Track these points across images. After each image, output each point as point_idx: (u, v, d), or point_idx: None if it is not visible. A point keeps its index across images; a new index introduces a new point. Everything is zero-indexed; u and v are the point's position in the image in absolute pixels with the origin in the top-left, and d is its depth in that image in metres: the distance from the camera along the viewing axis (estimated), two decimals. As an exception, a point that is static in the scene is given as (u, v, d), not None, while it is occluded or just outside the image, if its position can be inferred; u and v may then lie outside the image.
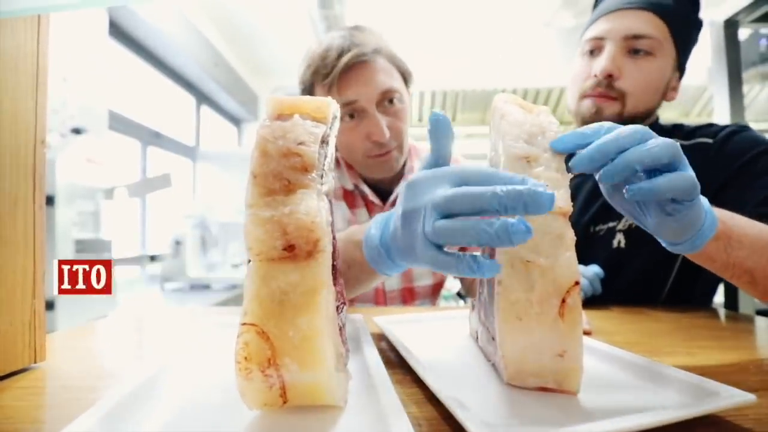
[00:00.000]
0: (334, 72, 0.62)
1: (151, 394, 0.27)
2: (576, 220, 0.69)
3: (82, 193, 1.53)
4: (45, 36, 0.35)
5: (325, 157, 0.33)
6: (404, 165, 0.76)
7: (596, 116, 0.62)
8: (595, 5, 0.66)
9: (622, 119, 0.61)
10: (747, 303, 0.90)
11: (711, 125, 0.64)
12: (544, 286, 0.27)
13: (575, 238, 0.27)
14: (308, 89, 0.71)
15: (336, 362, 0.26)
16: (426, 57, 2.18)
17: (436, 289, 0.84)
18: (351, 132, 0.66)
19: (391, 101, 0.66)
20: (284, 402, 0.25)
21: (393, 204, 0.75)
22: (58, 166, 1.41)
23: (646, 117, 0.63)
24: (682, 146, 0.64)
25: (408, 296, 0.80)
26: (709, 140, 0.61)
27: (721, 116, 0.81)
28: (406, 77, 0.70)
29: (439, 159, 0.31)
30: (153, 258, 2.02)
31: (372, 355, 0.34)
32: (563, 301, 0.26)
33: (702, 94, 2.42)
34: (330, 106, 0.31)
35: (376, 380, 0.29)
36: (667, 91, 0.63)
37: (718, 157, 0.58)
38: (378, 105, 0.65)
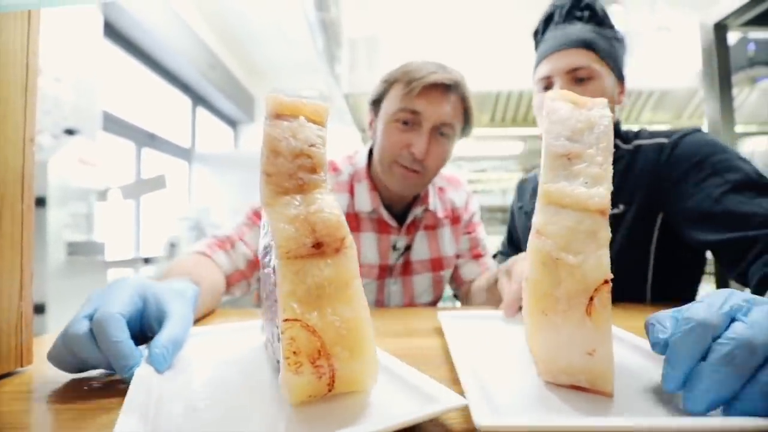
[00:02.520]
0: (421, 81, 0.69)
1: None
2: None
3: (74, 195, 1.51)
4: (35, 34, 0.35)
5: (326, 158, 0.34)
6: (424, 194, 0.80)
7: None
8: (536, 48, 0.80)
9: None
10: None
11: (671, 130, 0.73)
12: (571, 284, 0.27)
13: (610, 236, 0.27)
14: (386, 86, 0.75)
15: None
16: (423, 59, 2.19)
17: (433, 305, 0.86)
18: (398, 135, 0.72)
19: (443, 133, 0.72)
20: (329, 390, 0.26)
21: (409, 227, 0.79)
22: (50, 167, 1.40)
23: None
24: (641, 146, 0.72)
25: None
26: (665, 140, 0.70)
27: (712, 118, 0.82)
28: (466, 122, 0.76)
29: None
30: (147, 260, 2.00)
31: None
32: (591, 299, 0.26)
33: (693, 97, 2.46)
34: (327, 111, 0.33)
35: (384, 360, 0.31)
36: (616, 99, 0.76)
37: (671, 156, 0.67)
38: (432, 128, 0.71)
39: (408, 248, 0.79)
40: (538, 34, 0.81)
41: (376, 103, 0.76)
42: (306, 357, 0.25)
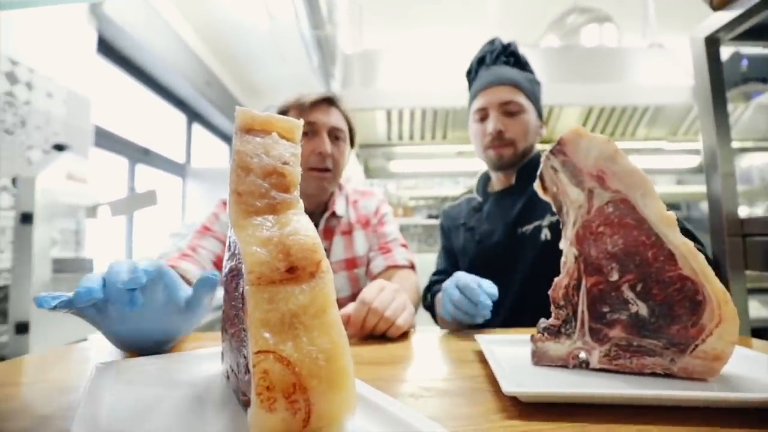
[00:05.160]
0: (308, 99, 0.88)
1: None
2: (502, 225, 0.86)
3: (63, 211, 1.48)
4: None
5: (299, 177, 0.32)
6: (329, 200, 0.97)
7: (499, 160, 0.87)
8: (470, 85, 0.94)
9: (517, 156, 0.87)
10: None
11: None
12: None
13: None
14: (282, 112, 0.92)
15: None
16: (416, 75, 2.20)
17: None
18: (305, 145, 0.87)
19: (337, 138, 0.91)
20: (304, 427, 0.23)
21: (326, 233, 0.95)
22: (38, 183, 1.37)
23: (532, 151, 0.91)
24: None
25: None
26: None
27: (707, 134, 0.81)
28: (351, 135, 0.96)
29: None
30: (137, 277, 1.96)
31: None
32: None
33: (689, 113, 2.48)
34: (300, 127, 0.32)
35: (358, 389, 0.28)
36: (538, 132, 0.91)
37: None
38: (327, 132, 0.89)
39: (326, 252, 0.91)
40: (471, 73, 0.94)
41: None
42: (280, 392, 0.22)
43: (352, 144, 0.97)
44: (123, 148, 2.36)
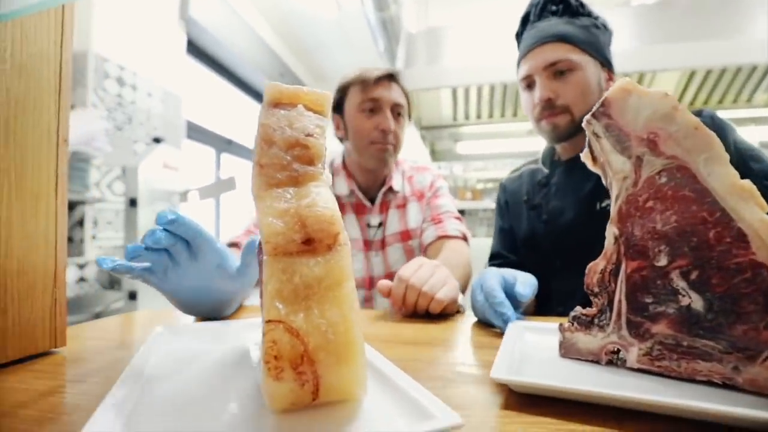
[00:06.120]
0: (372, 76, 0.91)
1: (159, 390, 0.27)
2: (575, 201, 0.75)
3: (160, 196, 1.71)
4: (68, 43, 0.38)
5: (325, 149, 0.32)
6: (387, 175, 0.99)
7: (554, 131, 0.75)
8: (518, 46, 0.81)
9: (576, 124, 0.73)
10: None
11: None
12: None
13: None
14: (342, 92, 0.96)
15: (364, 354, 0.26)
16: (483, 50, 2.07)
17: None
18: (368, 120, 0.91)
19: (399, 114, 0.94)
20: (314, 399, 0.24)
21: (381, 207, 0.99)
22: (140, 171, 1.60)
23: None
24: None
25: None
26: None
27: None
28: (409, 110, 0.98)
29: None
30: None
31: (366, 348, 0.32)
32: None
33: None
34: (329, 99, 0.31)
35: (384, 368, 0.28)
36: (603, 86, 0.76)
37: None
38: (390, 109, 0.92)
39: (381, 225, 0.98)
40: (519, 36, 0.82)
41: (337, 108, 0.97)
42: (288, 362, 0.23)
43: (409, 118, 1.00)
44: (210, 139, 2.63)
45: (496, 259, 0.88)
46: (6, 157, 0.34)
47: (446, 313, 0.55)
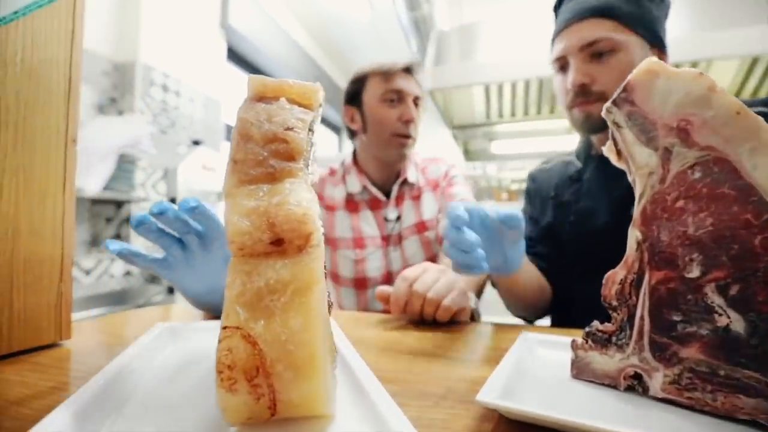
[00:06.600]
0: (394, 67, 0.91)
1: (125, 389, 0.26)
2: (608, 203, 0.67)
3: (199, 196, 1.79)
4: (78, 47, 0.40)
5: (311, 146, 0.30)
6: (402, 168, 0.97)
7: (587, 121, 0.66)
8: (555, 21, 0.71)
9: None
10: None
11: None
12: None
13: None
14: (360, 83, 0.96)
15: (331, 368, 0.24)
16: (517, 44, 1.99)
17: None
18: (391, 111, 0.91)
19: (417, 105, 0.94)
20: (272, 415, 0.22)
21: (397, 200, 0.96)
22: (179, 172, 1.68)
23: None
24: None
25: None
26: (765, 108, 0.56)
27: None
28: (424, 102, 0.99)
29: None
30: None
31: (353, 357, 0.30)
32: None
33: None
34: (317, 92, 0.29)
35: (365, 383, 0.26)
36: None
37: None
38: (412, 100, 0.92)
39: (399, 218, 0.95)
40: (556, 9, 0.71)
41: (354, 99, 0.96)
42: (242, 373, 0.21)
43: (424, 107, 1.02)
44: (248, 142, 2.73)
45: (532, 254, 0.79)
46: (15, 157, 0.35)
47: (457, 321, 0.52)
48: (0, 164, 0.34)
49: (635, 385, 0.26)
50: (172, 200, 1.68)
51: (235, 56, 2.51)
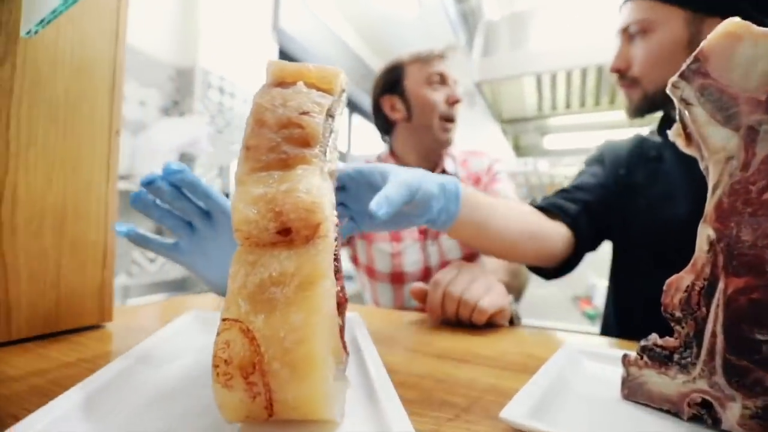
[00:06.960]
0: (434, 52, 0.93)
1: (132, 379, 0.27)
2: (690, 191, 0.57)
3: (249, 192, 1.88)
4: (122, 44, 0.42)
5: (331, 132, 0.29)
6: (439, 158, 0.96)
7: (630, 106, 0.64)
8: None
9: (648, 101, 0.61)
10: None
11: None
12: None
13: None
14: (399, 70, 0.96)
15: (335, 370, 0.22)
16: (572, 30, 1.84)
17: (468, 260, 0.92)
18: (436, 94, 0.91)
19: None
20: (270, 415, 0.20)
21: None
22: (231, 169, 1.77)
23: None
24: None
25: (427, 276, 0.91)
26: None
27: None
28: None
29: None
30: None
31: (373, 359, 0.28)
32: None
33: None
34: (338, 76, 0.27)
35: (378, 388, 0.24)
36: (692, 49, 0.54)
37: None
38: (453, 83, 0.94)
39: None
40: None
41: (393, 87, 0.95)
42: (238, 369, 0.20)
43: None
44: (297, 141, 2.81)
45: (565, 192, 0.68)
46: (63, 149, 0.37)
47: (495, 323, 0.48)
48: (51, 155, 0.36)
49: (703, 414, 0.21)
50: (226, 195, 1.77)
51: (286, 58, 2.60)
